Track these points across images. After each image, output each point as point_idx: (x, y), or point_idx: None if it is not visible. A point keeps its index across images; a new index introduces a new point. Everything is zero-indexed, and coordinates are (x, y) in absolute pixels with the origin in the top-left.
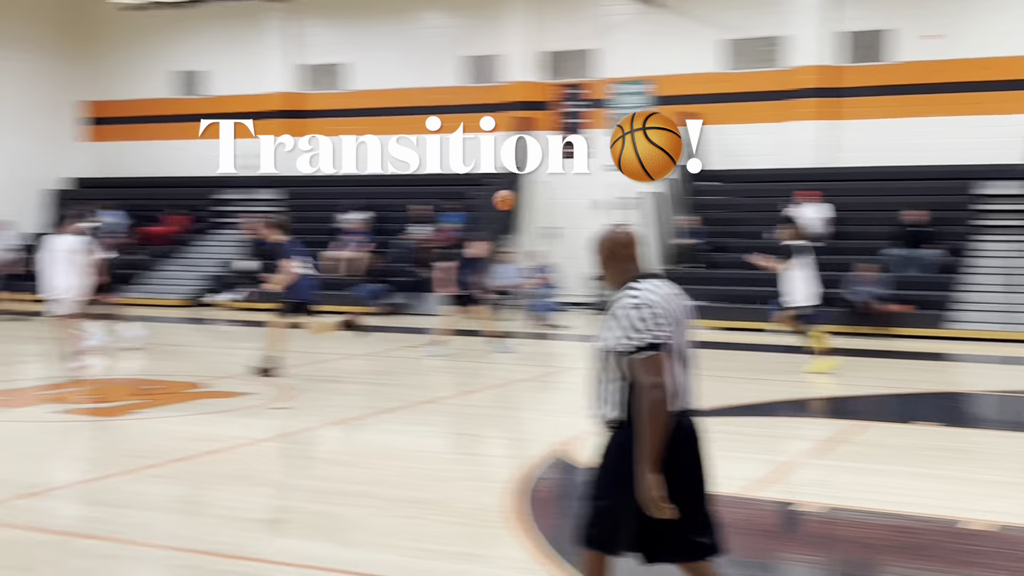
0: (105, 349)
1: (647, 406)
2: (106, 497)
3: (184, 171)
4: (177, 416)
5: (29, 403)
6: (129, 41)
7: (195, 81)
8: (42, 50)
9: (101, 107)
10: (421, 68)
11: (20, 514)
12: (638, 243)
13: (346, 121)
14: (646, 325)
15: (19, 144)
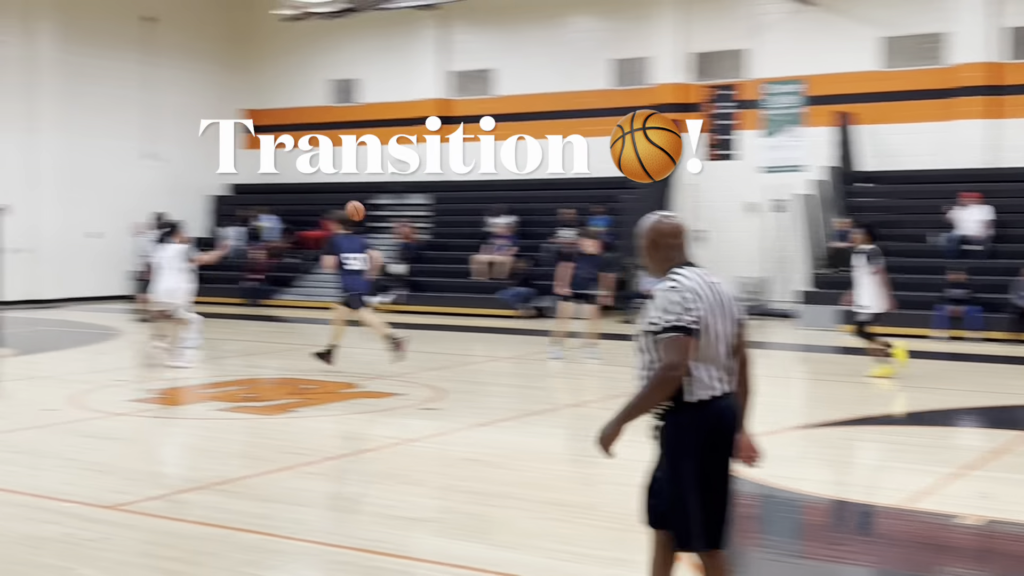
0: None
1: (656, 379)
2: (265, 493)
3: (342, 177)
4: (333, 415)
5: (191, 401)
6: (287, 51)
7: (350, 89)
8: (208, 61)
9: (260, 115)
10: (569, 72)
11: (185, 508)
12: (682, 233)
13: (495, 127)
14: (675, 308)
15: (185, 151)
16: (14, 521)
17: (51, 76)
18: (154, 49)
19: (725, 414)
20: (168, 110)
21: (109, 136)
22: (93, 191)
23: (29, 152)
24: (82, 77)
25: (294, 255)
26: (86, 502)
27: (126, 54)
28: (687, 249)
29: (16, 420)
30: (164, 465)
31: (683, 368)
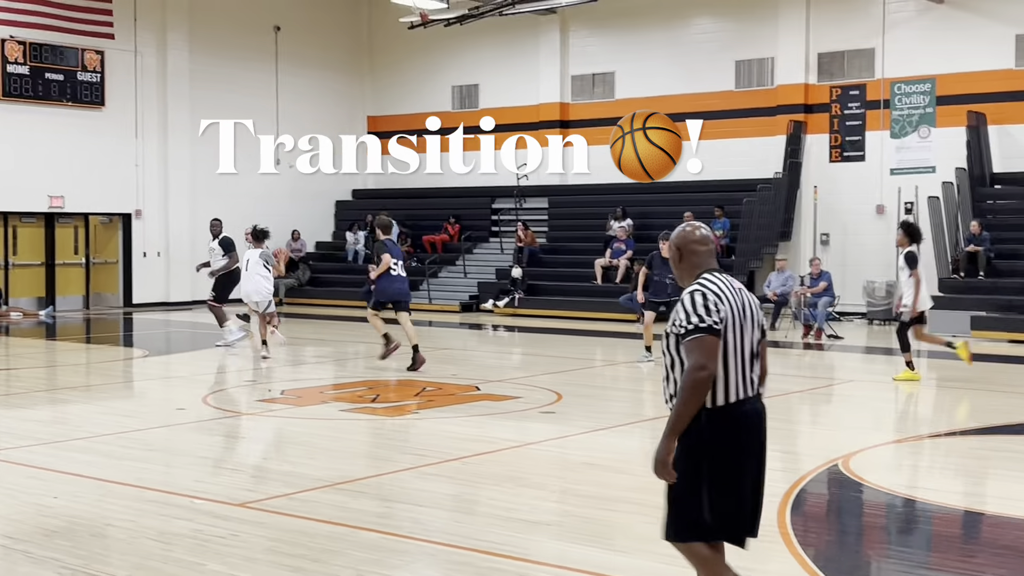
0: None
1: (687, 383)
2: (388, 492)
3: (462, 182)
4: (454, 417)
5: (317, 401)
6: (410, 58)
7: (472, 94)
8: (333, 69)
9: (383, 121)
10: (690, 73)
11: (310, 506)
12: (709, 241)
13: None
14: (699, 311)
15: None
16: (147, 517)
17: (184, 85)
18: (282, 58)
19: (748, 416)
20: (295, 117)
21: (238, 142)
22: (224, 197)
23: (163, 158)
24: (213, 86)
25: (416, 259)
26: (216, 499)
27: (255, 63)
28: (713, 256)
29: (150, 419)
30: (290, 464)
31: (710, 366)
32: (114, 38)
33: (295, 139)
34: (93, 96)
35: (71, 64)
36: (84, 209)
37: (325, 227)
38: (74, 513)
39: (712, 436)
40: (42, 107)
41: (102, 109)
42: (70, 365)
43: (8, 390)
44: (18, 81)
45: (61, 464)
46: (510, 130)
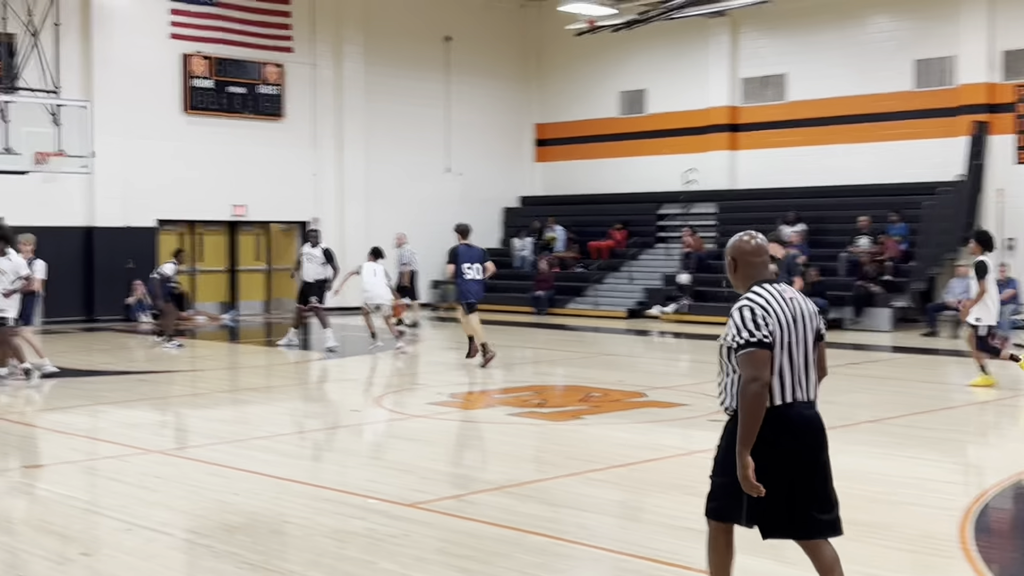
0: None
1: (745, 398)
2: (554, 497)
3: (628, 187)
4: (620, 423)
5: (486, 405)
6: (577, 64)
7: (638, 100)
8: (501, 77)
9: (549, 128)
10: (865, 74)
11: (479, 508)
12: (764, 251)
13: (783, 133)
14: (748, 326)
15: (480, 165)
16: (323, 515)
17: (358, 96)
18: (452, 68)
19: (793, 420)
20: (464, 125)
21: (409, 151)
22: (395, 204)
23: (338, 167)
24: (387, 96)
25: (582, 265)
26: (388, 499)
27: (427, 73)
28: (767, 267)
29: (326, 420)
30: (460, 466)
31: (763, 377)
32: (293, 51)
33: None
34: (273, 108)
35: (252, 77)
36: (264, 217)
37: (493, 233)
38: (254, 510)
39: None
40: (225, 119)
41: (281, 120)
42: (251, 367)
43: (194, 390)
44: (203, 95)
45: (242, 462)
46: (677, 135)
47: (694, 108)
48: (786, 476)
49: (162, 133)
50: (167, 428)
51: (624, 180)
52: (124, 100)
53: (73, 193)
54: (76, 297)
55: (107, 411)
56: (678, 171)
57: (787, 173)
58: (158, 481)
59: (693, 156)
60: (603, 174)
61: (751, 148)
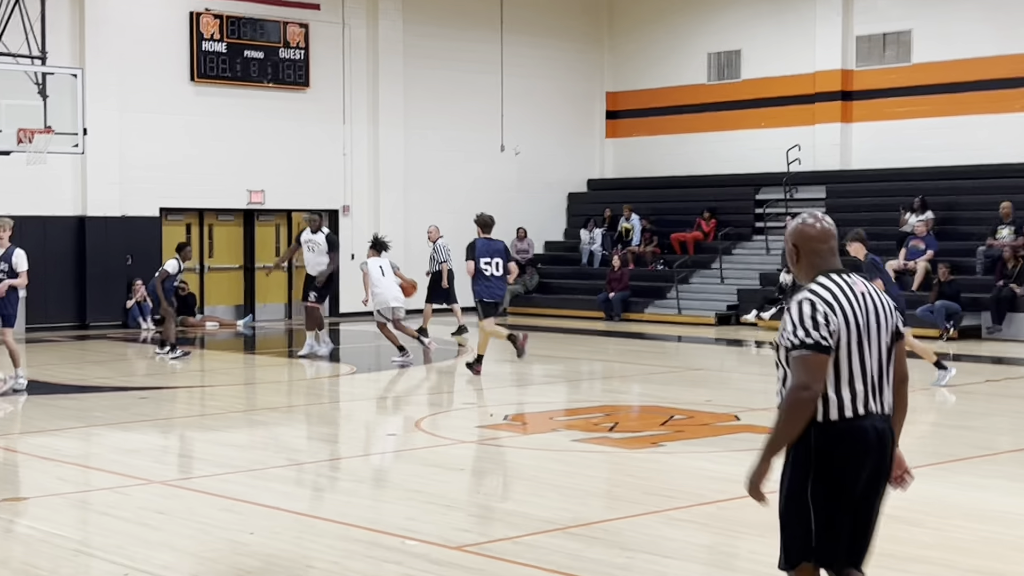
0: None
1: (788, 402)
2: (628, 539)
3: (719, 168)
4: (708, 452)
5: (545, 429)
6: (656, 21)
7: (731, 63)
8: (570, 39)
9: (626, 98)
10: (1009, 31)
11: (538, 552)
12: (830, 237)
13: (907, 102)
14: (806, 324)
15: (541, 142)
16: (352, 559)
17: (395, 61)
18: (507, 26)
19: (865, 433)
20: (522, 95)
21: (456, 127)
22: (439, 189)
23: (373, 146)
24: (428, 61)
25: (662, 261)
26: (429, 540)
27: (476, 33)
28: (835, 255)
29: (357, 446)
30: (515, 502)
31: (815, 387)
32: (319, 8)
33: (520, 121)
34: (296, 76)
35: (272, 40)
36: (286, 205)
37: (556, 224)
38: (272, 552)
39: (819, 453)
40: (240, 89)
41: (306, 91)
42: (270, 382)
43: (203, 410)
44: (213, 60)
45: (258, 495)
46: (779, 104)
47: (799, 72)
48: (853, 498)
49: (166, 106)
50: (171, 455)
51: (714, 159)
52: (121, 68)
53: (62, 177)
54: (66, 299)
55: (101, 434)
56: (779, 148)
57: (911, 151)
58: (160, 517)
59: (797, 130)
60: (688, 152)
61: (867, 120)
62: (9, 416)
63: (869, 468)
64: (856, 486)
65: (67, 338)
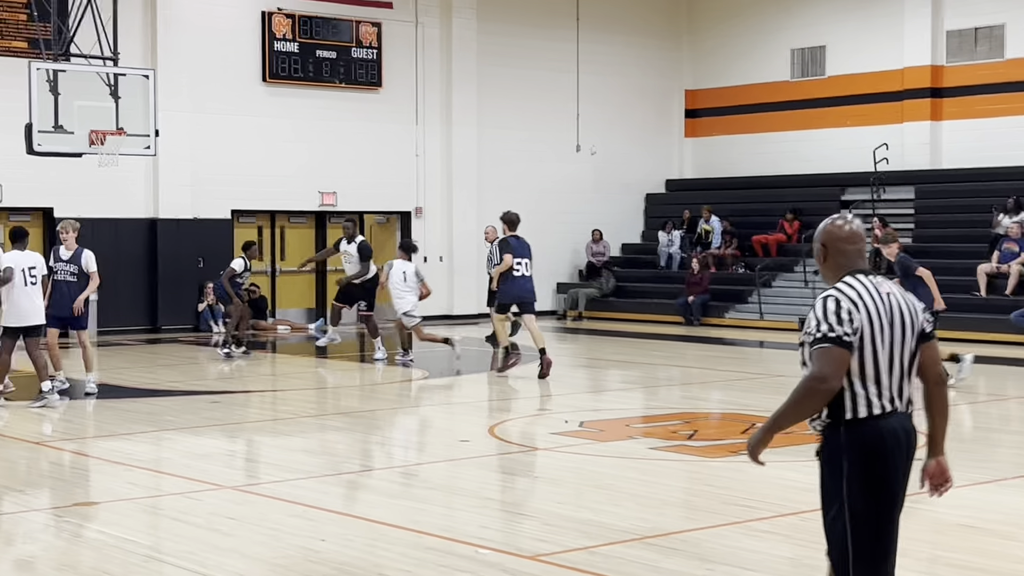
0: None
1: (802, 388)
2: (708, 551)
3: (802, 167)
4: (792, 461)
5: (623, 437)
6: (739, 16)
7: (816, 59)
8: (647, 35)
9: (706, 96)
10: None
11: (614, 563)
12: (859, 238)
13: (1000, 99)
14: (830, 319)
15: (617, 141)
16: (425, 568)
17: (469, 60)
18: (583, 23)
19: (889, 434)
20: (598, 94)
21: (530, 126)
22: (513, 190)
23: (446, 147)
24: (503, 60)
25: (743, 264)
26: (503, 549)
27: (552, 31)
28: (863, 256)
29: (430, 452)
30: (591, 511)
31: (832, 381)
32: (392, 7)
33: (596, 120)
34: (369, 76)
35: (345, 39)
36: (358, 207)
37: (633, 225)
38: (344, 560)
39: (850, 452)
40: (312, 90)
41: (378, 91)
42: (342, 387)
43: (274, 414)
44: (285, 61)
45: (330, 501)
46: (865, 102)
47: (886, 68)
48: (881, 499)
49: (237, 107)
50: (242, 459)
51: (797, 159)
52: (193, 68)
53: (134, 179)
54: (138, 302)
55: (172, 438)
56: (866, 147)
57: (1004, 149)
58: (231, 523)
59: (885, 128)
60: (770, 151)
61: (958, 118)
62: (81, 420)
63: (901, 467)
64: (893, 486)
65: (138, 341)
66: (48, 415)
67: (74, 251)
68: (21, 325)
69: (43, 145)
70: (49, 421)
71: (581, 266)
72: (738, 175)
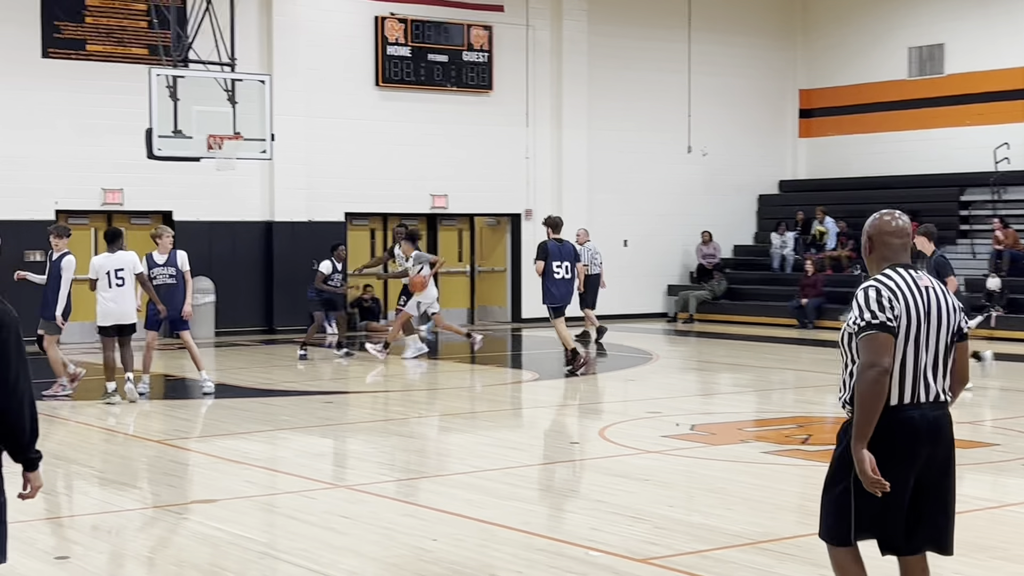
0: None
1: (861, 383)
2: (821, 556)
3: (920, 168)
4: None
5: (735, 440)
6: (855, 14)
7: (934, 57)
8: (760, 34)
9: (820, 95)
10: None
11: (727, 567)
12: (905, 233)
13: None
14: (872, 307)
15: (729, 142)
16: (536, 569)
17: (580, 62)
18: (694, 22)
19: (913, 422)
20: (710, 94)
21: (641, 128)
22: (623, 192)
23: (556, 149)
24: (613, 61)
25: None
26: (614, 552)
27: (663, 31)
28: (907, 251)
29: (540, 453)
30: (702, 514)
31: (882, 364)
32: (503, 10)
33: (708, 121)
34: (480, 79)
35: (456, 43)
36: (469, 210)
37: (745, 227)
38: (455, 559)
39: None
40: (423, 93)
41: (489, 94)
42: (452, 388)
43: (386, 415)
44: (398, 65)
45: (441, 502)
46: (985, 100)
47: (1007, 66)
48: (905, 482)
49: (351, 111)
50: (355, 459)
51: (914, 159)
52: (308, 73)
53: (250, 182)
54: (254, 303)
55: (288, 438)
56: (986, 147)
57: None
58: (345, 522)
59: (1006, 127)
60: (886, 151)
61: None
62: (199, 419)
63: (922, 454)
64: (907, 472)
65: (255, 342)
66: (175, 414)
67: (168, 254)
68: (109, 324)
69: (163, 150)
70: (169, 419)
71: (692, 268)
72: (853, 175)
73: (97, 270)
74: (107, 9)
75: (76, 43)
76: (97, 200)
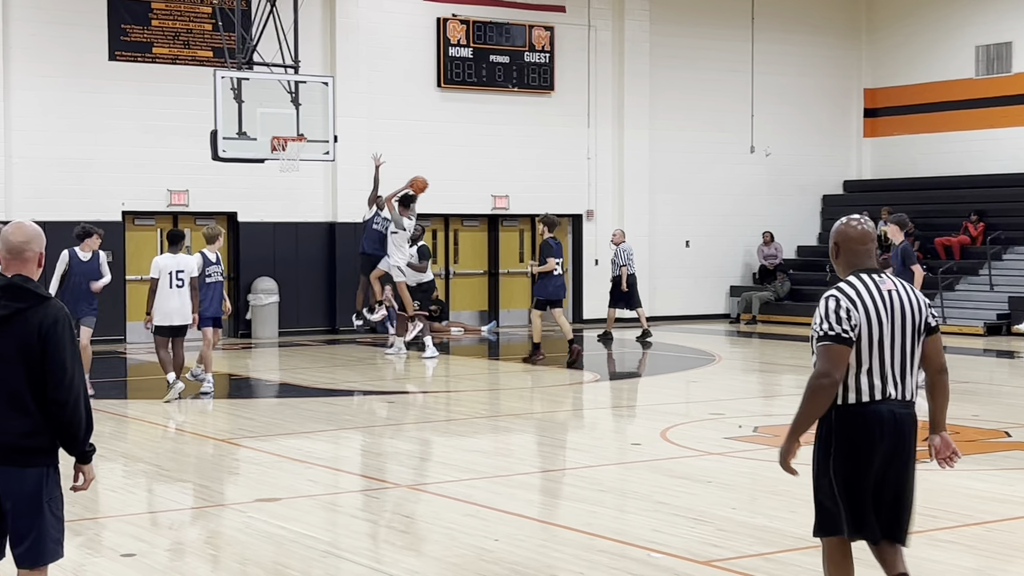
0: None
1: (809, 388)
2: None
3: (987, 167)
4: (976, 470)
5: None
6: (920, 12)
7: (1002, 55)
8: (824, 33)
9: (885, 95)
10: None
11: (790, 570)
12: (868, 239)
13: None
14: (830, 318)
15: (793, 142)
16: (597, 570)
17: (641, 62)
18: (757, 20)
19: (879, 416)
20: (773, 94)
21: (703, 128)
22: (684, 192)
23: (617, 150)
24: (675, 61)
25: (925, 267)
26: (676, 554)
27: (725, 31)
28: (871, 256)
29: (602, 454)
30: (766, 517)
31: (834, 376)
32: (565, 11)
33: (771, 120)
34: (541, 80)
35: (518, 44)
36: (530, 210)
37: (809, 228)
38: (516, 560)
39: (837, 432)
40: (485, 95)
41: (550, 94)
42: (514, 389)
43: (448, 415)
44: (460, 66)
45: (503, 502)
46: None
47: None
48: (868, 469)
49: (413, 112)
50: (417, 459)
51: (982, 158)
52: (370, 75)
53: (313, 184)
54: (317, 304)
55: (350, 437)
56: None
57: None
58: (407, 521)
59: None
60: (953, 151)
61: None
62: (264, 418)
63: (886, 447)
64: (872, 463)
65: (317, 342)
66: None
67: (216, 253)
68: (166, 324)
69: (228, 151)
70: (233, 418)
71: (754, 269)
72: (919, 175)
73: (160, 270)
74: (173, 12)
75: (142, 46)
76: (163, 201)
